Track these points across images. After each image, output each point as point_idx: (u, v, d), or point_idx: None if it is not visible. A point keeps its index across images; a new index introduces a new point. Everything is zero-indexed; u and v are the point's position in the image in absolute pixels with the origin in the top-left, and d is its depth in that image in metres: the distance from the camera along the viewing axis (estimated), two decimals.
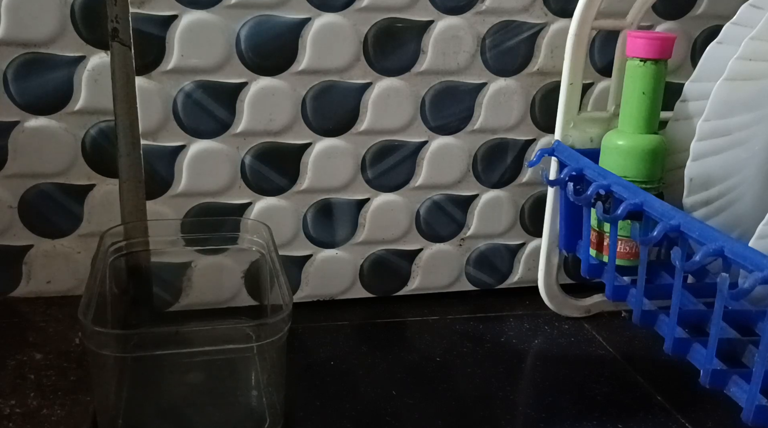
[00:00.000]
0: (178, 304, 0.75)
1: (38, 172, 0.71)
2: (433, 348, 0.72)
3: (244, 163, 0.72)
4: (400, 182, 0.76)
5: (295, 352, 0.69)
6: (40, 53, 0.67)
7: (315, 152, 0.73)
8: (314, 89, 0.71)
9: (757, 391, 0.51)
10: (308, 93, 0.71)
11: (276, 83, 0.70)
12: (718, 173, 0.62)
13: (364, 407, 0.62)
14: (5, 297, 0.74)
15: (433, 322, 0.77)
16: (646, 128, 0.66)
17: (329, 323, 0.76)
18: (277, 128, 0.71)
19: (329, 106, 0.72)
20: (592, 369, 0.69)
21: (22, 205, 0.71)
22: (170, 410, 0.61)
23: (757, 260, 0.49)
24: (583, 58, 0.70)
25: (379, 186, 0.76)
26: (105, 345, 0.53)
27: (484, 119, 0.75)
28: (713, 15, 0.76)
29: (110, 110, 0.70)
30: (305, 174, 0.74)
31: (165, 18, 0.66)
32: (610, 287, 0.66)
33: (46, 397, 0.60)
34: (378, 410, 0.62)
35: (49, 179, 0.71)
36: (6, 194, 0.71)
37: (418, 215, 0.78)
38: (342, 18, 0.69)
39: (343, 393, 0.64)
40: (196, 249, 0.73)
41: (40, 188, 0.71)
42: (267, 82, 0.70)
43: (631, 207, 0.60)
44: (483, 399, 0.64)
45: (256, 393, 0.63)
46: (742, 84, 0.60)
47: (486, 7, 0.72)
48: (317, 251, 0.77)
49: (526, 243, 0.81)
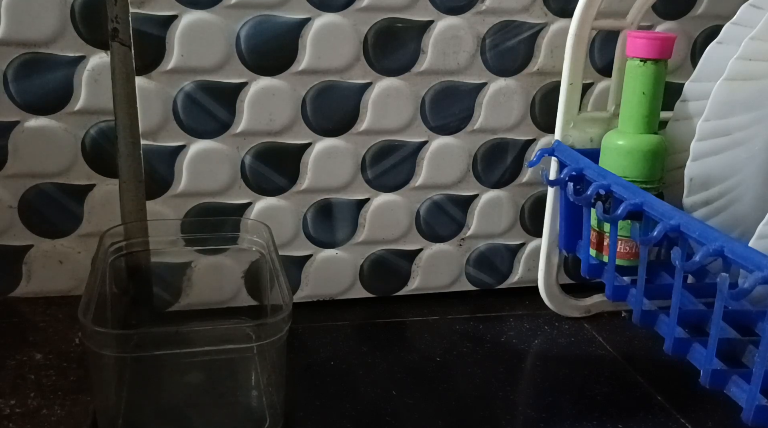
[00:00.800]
0: (178, 304, 0.75)
1: (38, 172, 0.71)
2: (433, 348, 0.72)
3: (244, 163, 0.72)
4: (400, 182, 0.76)
5: (295, 352, 0.69)
6: (40, 53, 0.67)
7: (315, 152, 0.73)
8: (314, 89, 0.71)
9: (757, 391, 0.51)
10: (308, 93, 0.71)
11: (276, 83, 0.70)
12: (718, 173, 0.62)
13: (364, 407, 0.62)
14: (5, 297, 0.74)
15: (433, 322, 0.77)
16: (646, 128, 0.66)
17: (329, 323, 0.76)
18: (277, 128, 0.71)
19: (329, 106, 0.72)
20: (592, 369, 0.69)
21: (22, 205, 0.71)
22: (170, 410, 0.61)
23: (757, 260, 0.49)
24: (583, 58, 0.70)
25: (379, 186, 0.76)
26: (105, 345, 0.53)
27: (484, 119, 0.75)
28: (713, 15, 0.76)
29: (110, 109, 0.70)
30: (305, 174, 0.74)
31: (165, 18, 0.66)
32: (610, 287, 0.66)
33: (46, 397, 0.60)
34: (378, 410, 0.62)
35: (49, 179, 0.71)
36: (6, 194, 0.71)
37: (418, 215, 0.78)
38: (342, 18, 0.69)
39: (343, 393, 0.64)
40: (196, 249, 0.73)
41: (40, 188, 0.71)
42: (267, 82, 0.70)
43: (631, 207, 0.60)
44: (483, 399, 0.64)
45: (256, 393, 0.63)
46: (742, 84, 0.60)
47: (486, 7, 0.72)
48: (317, 251, 0.77)
49: (526, 243, 0.81)
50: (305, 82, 0.71)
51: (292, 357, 0.68)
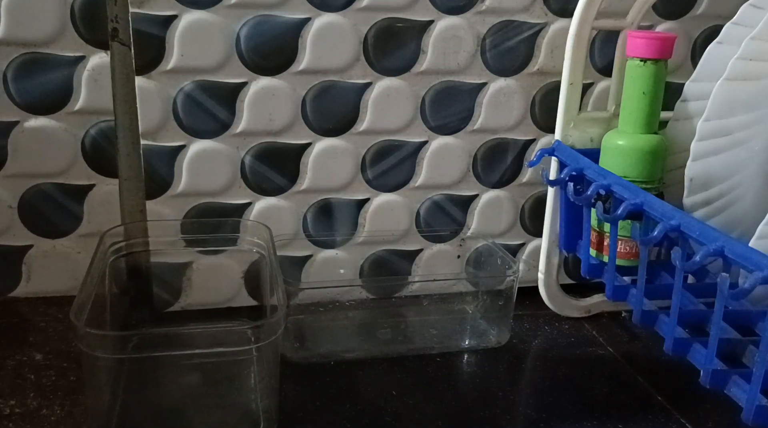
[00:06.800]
0: (178, 304, 0.75)
1: (38, 172, 0.71)
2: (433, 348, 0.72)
3: (244, 163, 0.72)
4: (400, 182, 0.76)
5: (295, 352, 0.69)
6: (40, 53, 0.67)
7: (315, 152, 0.73)
8: (314, 89, 0.71)
9: (758, 391, 0.51)
10: (308, 93, 0.71)
11: (276, 83, 0.70)
12: (719, 173, 0.62)
13: (364, 407, 0.62)
14: (5, 297, 0.74)
15: (433, 322, 0.77)
16: (646, 128, 0.66)
17: (330, 323, 0.76)
18: (277, 128, 0.71)
19: (329, 106, 0.72)
20: (592, 369, 0.69)
21: (22, 205, 0.71)
22: (165, 412, 0.61)
23: (757, 260, 0.49)
24: (583, 58, 0.70)
25: (379, 186, 0.76)
26: (97, 347, 0.52)
27: (484, 119, 0.75)
28: (713, 15, 0.76)
29: (110, 109, 0.70)
30: (305, 174, 0.74)
31: (165, 18, 0.66)
32: (610, 287, 0.66)
33: (45, 397, 0.60)
34: (378, 410, 0.62)
35: (49, 179, 0.71)
36: (6, 194, 0.71)
37: (418, 215, 0.78)
38: (342, 18, 0.69)
39: (343, 393, 0.64)
40: (196, 250, 0.73)
41: (40, 188, 0.71)
42: (267, 82, 0.70)
43: (631, 207, 0.60)
44: (483, 399, 0.64)
45: (252, 395, 0.62)
46: (742, 84, 0.60)
47: (486, 7, 0.72)
48: (317, 251, 0.77)
49: (526, 243, 0.81)
50: (305, 82, 0.71)
51: (292, 357, 0.68)
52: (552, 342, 0.74)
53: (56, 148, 0.70)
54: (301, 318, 0.74)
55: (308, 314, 0.75)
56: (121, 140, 0.71)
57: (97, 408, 0.57)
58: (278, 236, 0.71)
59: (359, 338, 0.74)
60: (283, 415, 0.60)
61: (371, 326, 0.76)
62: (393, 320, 0.77)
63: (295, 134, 0.72)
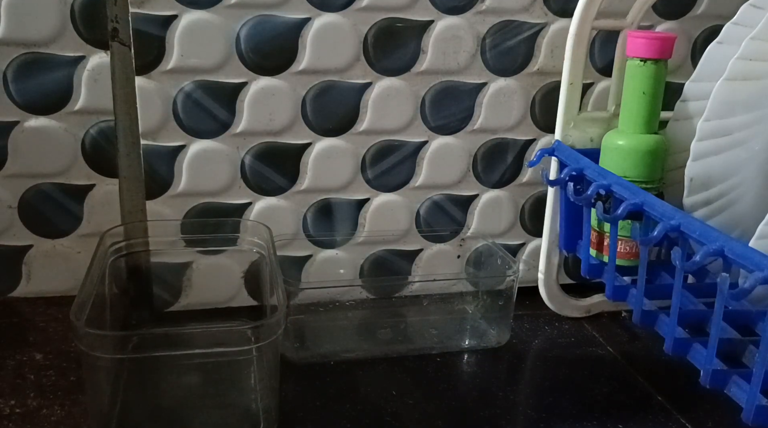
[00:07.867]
0: (178, 304, 0.75)
1: (38, 172, 0.71)
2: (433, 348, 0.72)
3: (244, 163, 0.72)
4: (400, 182, 0.76)
5: (295, 352, 0.69)
6: (40, 53, 0.67)
7: (315, 152, 0.73)
8: (314, 89, 0.71)
9: (758, 391, 0.51)
10: (308, 93, 0.71)
11: (276, 83, 0.70)
12: (719, 173, 0.62)
13: (364, 407, 0.62)
14: (5, 297, 0.74)
15: (433, 322, 0.77)
16: (646, 128, 0.66)
17: (330, 323, 0.76)
18: (277, 128, 0.71)
19: (329, 106, 0.72)
20: (592, 369, 0.69)
21: (22, 205, 0.71)
22: (164, 412, 0.61)
23: (757, 260, 0.49)
24: (583, 58, 0.70)
25: (379, 186, 0.76)
26: (96, 347, 0.52)
27: (484, 119, 0.75)
28: (713, 15, 0.76)
29: (110, 109, 0.70)
30: (305, 174, 0.74)
31: (165, 18, 0.66)
32: (610, 287, 0.66)
33: (45, 397, 0.60)
34: (378, 410, 0.62)
35: (49, 179, 0.71)
36: (6, 194, 0.71)
37: (418, 215, 0.78)
38: (342, 18, 0.69)
39: (343, 393, 0.64)
40: (196, 250, 0.73)
41: (40, 188, 0.71)
42: (267, 82, 0.70)
43: (631, 207, 0.60)
44: (483, 399, 0.64)
45: (252, 395, 0.62)
46: (742, 84, 0.60)
47: (486, 7, 0.72)
48: (317, 251, 0.77)
49: (526, 243, 0.81)
50: (305, 82, 0.71)
51: (292, 357, 0.68)
52: (552, 342, 0.74)
53: (56, 148, 0.70)
54: (301, 318, 0.74)
55: (308, 314, 0.75)
56: (121, 140, 0.71)
57: (97, 408, 0.57)
58: (278, 236, 0.71)
59: (359, 338, 0.74)
60: (283, 415, 0.60)
61: (371, 326, 0.76)
62: (393, 320, 0.77)
63: (295, 133, 0.72)
